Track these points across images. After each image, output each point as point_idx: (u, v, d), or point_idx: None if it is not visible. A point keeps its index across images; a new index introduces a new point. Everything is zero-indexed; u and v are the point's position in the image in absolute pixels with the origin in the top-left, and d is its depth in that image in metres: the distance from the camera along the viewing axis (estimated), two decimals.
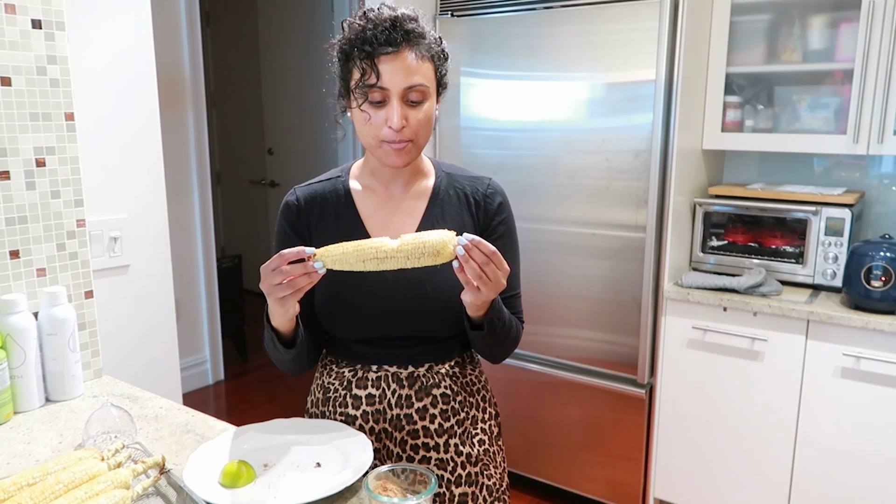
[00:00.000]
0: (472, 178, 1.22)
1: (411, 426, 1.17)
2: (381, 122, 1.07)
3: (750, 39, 2.35)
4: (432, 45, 1.09)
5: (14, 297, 1.27)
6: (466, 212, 1.19)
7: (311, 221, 1.20)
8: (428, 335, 1.18)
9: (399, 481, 0.92)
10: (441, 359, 1.20)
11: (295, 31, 4.71)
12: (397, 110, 1.05)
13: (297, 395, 3.65)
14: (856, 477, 2.03)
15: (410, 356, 1.18)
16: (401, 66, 1.04)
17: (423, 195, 1.19)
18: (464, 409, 1.22)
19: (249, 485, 1.00)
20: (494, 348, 1.18)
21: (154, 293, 1.76)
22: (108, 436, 1.08)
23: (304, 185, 1.25)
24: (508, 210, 1.22)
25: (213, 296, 3.79)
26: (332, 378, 1.24)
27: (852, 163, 2.43)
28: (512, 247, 1.21)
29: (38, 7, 1.31)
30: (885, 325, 1.91)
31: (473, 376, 1.26)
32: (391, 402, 1.18)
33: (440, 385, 1.19)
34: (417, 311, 1.14)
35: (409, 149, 1.09)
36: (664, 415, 2.34)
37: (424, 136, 1.10)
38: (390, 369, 1.18)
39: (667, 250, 2.25)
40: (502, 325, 1.12)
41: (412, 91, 1.05)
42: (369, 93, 1.06)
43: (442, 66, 1.12)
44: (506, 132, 2.49)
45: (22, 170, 1.32)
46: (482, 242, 0.96)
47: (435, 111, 1.13)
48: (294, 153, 4.96)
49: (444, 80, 1.14)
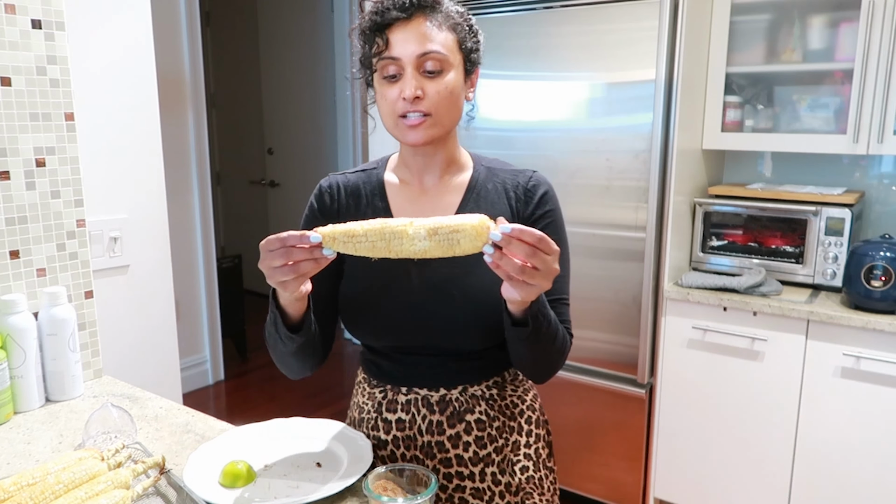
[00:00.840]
0: (514, 171, 1.11)
1: (443, 454, 1.08)
2: (396, 97, 0.99)
3: (750, 39, 2.35)
4: (452, 15, 1.01)
5: (14, 297, 1.27)
6: (506, 206, 1.07)
7: (340, 210, 1.11)
8: (457, 348, 1.07)
9: (399, 481, 0.92)
10: (476, 379, 1.09)
11: (295, 31, 4.71)
12: (411, 80, 0.97)
13: (297, 394, 3.65)
14: (856, 476, 2.03)
15: (441, 376, 1.08)
16: (413, 34, 0.97)
17: (458, 188, 1.09)
18: (502, 435, 1.11)
19: (249, 485, 1.00)
20: (538, 355, 1.01)
21: (154, 293, 1.76)
22: (108, 436, 1.08)
23: (340, 172, 1.17)
24: (554, 203, 1.09)
25: (213, 296, 3.79)
26: (365, 398, 1.16)
27: (852, 163, 2.43)
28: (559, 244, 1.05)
29: (38, 7, 1.31)
30: (885, 325, 1.91)
31: (515, 397, 1.14)
32: (421, 429, 1.09)
33: (474, 410, 1.09)
34: (444, 319, 1.03)
35: (427, 123, 0.99)
36: (664, 415, 2.34)
37: (447, 110, 1.00)
38: (420, 392, 1.09)
39: (667, 250, 2.25)
40: (548, 324, 0.96)
41: (427, 59, 0.97)
42: (382, 66, 0.99)
43: (468, 39, 1.02)
44: (506, 132, 2.49)
45: (22, 170, 1.32)
46: (525, 230, 0.80)
47: (468, 93, 1.05)
48: (294, 153, 4.96)
49: (473, 56, 1.04)
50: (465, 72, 1.03)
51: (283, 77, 4.88)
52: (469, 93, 1.06)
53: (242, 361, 4.16)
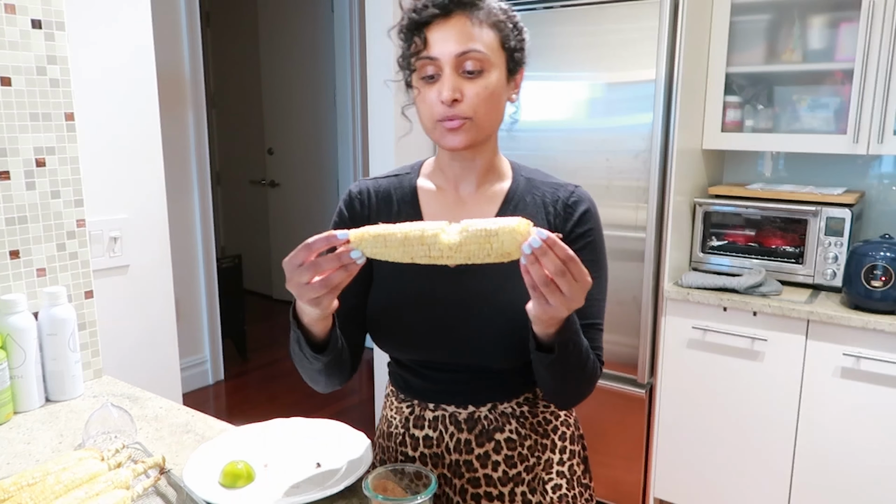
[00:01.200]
0: (555, 185, 1.05)
1: (472, 474, 1.04)
2: (434, 99, 0.94)
3: (750, 39, 2.35)
4: (495, 12, 0.95)
5: (14, 297, 1.27)
6: (543, 221, 1.02)
7: (371, 217, 1.06)
8: (486, 365, 1.02)
9: (399, 481, 0.92)
10: (506, 396, 1.05)
11: (295, 30, 4.71)
12: (448, 81, 0.92)
13: (297, 395, 3.65)
14: (856, 476, 2.03)
15: (469, 392, 1.04)
16: (453, 32, 0.92)
17: (495, 198, 1.04)
18: (534, 454, 1.06)
19: (249, 485, 1.00)
20: (563, 384, 0.96)
21: (154, 293, 1.76)
22: (108, 436, 1.08)
23: (370, 178, 1.12)
24: (595, 222, 1.03)
25: (213, 296, 3.79)
26: (393, 412, 1.13)
27: (852, 163, 2.43)
28: (596, 266, 1.00)
29: (38, 7, 1.31)
30: (885, 325, 1.91)
31: (548, 413, 1.09)
32: (449, 447, 1.05)
33: (504, 428, 1.04)
34: (473, 336, 0.99)
35: (466, 127, 0.94)
36: (664, 415, 2.34)
37: (486, 113, 0.95)
38: (448, 409, 1.05)
39: (667, 250, 2.25)
40: (577, 353, 0.91)
41: (466, 59, 0.92)
42: (420, 66, 0.95)
43: (511, 37, 0.97)
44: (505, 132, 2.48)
45: (22, 170, 1.32)
46: (558, 244, 0.76)
47: (511, 94, 1.01)
48: (294, 153, 4.96)
49: (516, 56, 0.99)
50: (508, 72, 0.98)
51: (283, 77, 4.88)
52: (513, 94, 1.02)
53: (242, 361, 4.16)
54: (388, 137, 2.60)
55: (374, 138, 2.67)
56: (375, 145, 2.68)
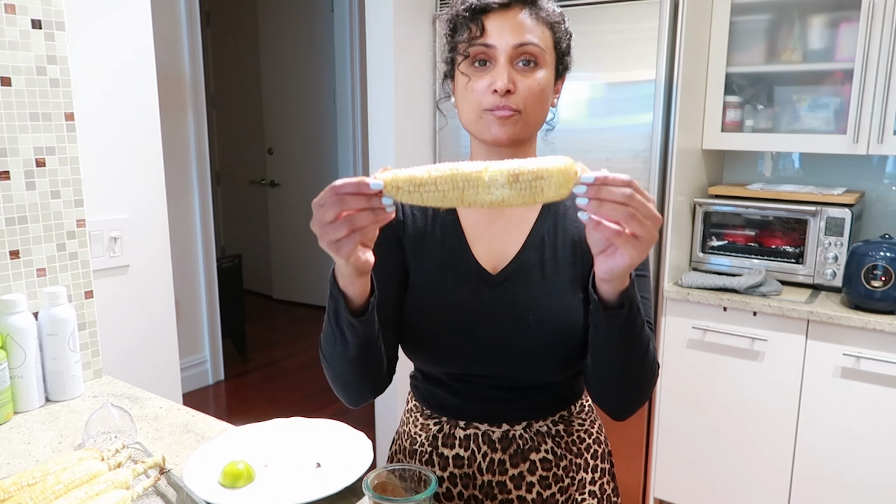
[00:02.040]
0: None
1: (505, 496, 1.00)
2: (485, 88, 0.91)
3: (750, 39, 2.35)
4: (552, 12, 0.95)
5: (14, 297, 1.27)
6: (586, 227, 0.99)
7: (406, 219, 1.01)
8: (525, 378, 0.98)
9: (399, 481, 0.92)
10: (542, 414, 1.01)
11: (295, 30, 4.71)
12: (503, 71, 0.89)
13: (297, 395, 3.65)
14: (856, 476, 2.03)
15: (504, 411, 1.00)
16: (511, 24, 0.90)
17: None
18: (568, 474, 1.02)
19: (249, 485, 1.00)
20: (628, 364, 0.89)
21: (154, 293, 1.76)
22: (108, 436, 1.08)
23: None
24: None
25: (213, 296, 3.79)
26: (417, 429, 1.07)
27: (852, 163, 2.43)
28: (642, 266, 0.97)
29: (38, 7, 1.31)
30: (885, 325, 1.91)
31: (583, 431, 1.05)
32: (482, 467, 1.00)
33: (540, 448, 1.00)
34: (515, 345, 0.94)
35: (515, 119, 0.91)
36: (664, 415, 2.34)
37: (535, 110, 0.93)
38: (481, 427, 1.01)
39: (667, 250, 2.25)
40: (642, 321, 0.86)
41: (523, 51, 0.90)
42: (475, 52, 0.91)
43: (563, 40, 0.97)
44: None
45: (22, 170, 1.32)
46: (610, 175, 0.71)
47: (554, 96, 0.98)
48: (294, 153, 4.96)
49: (565, 60, 0.98)
50: (556, 73, 0.97)
51: (283, 77, 4.88)
52: (555, 98, 0.99)
53: (242, 361, 4.16)
54: (388, 138, 2.60)
55: (374, 138, 2.67)
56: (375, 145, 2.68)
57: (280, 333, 4.66)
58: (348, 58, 4.34)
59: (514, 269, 0.95)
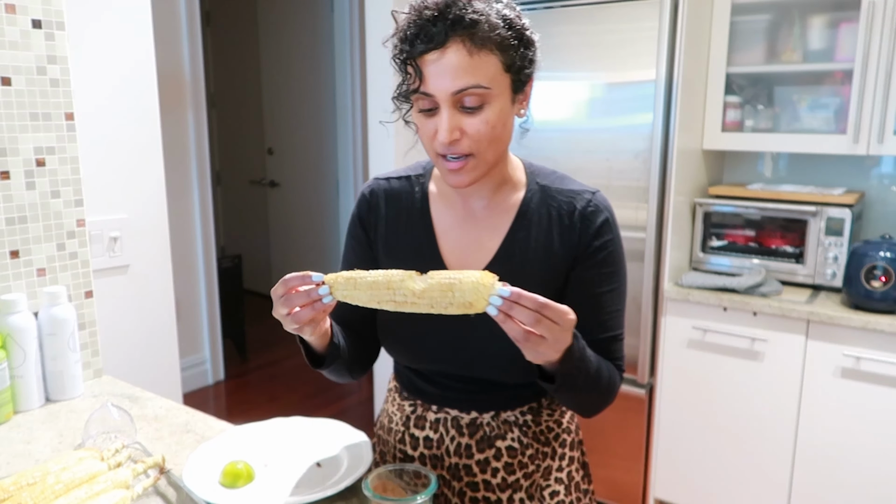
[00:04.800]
0: (572, 192, 1.00)
1: (470, 478, 1.04)
2: (433, 134, 0.88)
3: (750, 39, 2.35)
4: (496, 29, 0.86)
5: (14, 297, 1.27)
6: (558, 234, 0.98)
7: (377, 223, 1.04)
8: (498, 380, 1.01)
9: (399, 481, 0.92)
10: (510, 405, 1.04)
11: (295, 30, 4.71)
12: (446, 120, 0.86)
13: (297, 395, 3.65)
14: (856, 477, 2.03)
15: (474, 400, 1.04)
16: (448, 66, 0.84)
17: (509, 211, 0.99)
18: (534, 461, 1.06)
19: (249, 485, 1.00)
20: (574, 403, 0.97)
21: (154, 293, 1.76)
22: (108, 436, 1.08)
23: (384, 177, 1.07)
24: (613, 231, 1.00)
25: (213, 296, 3.79)
26: (394, 408, 1.13)
27: (852, 163, 2.43)
28: (613, 278, 0.99)
29: (38, 7, 1.31)
30: (885, 325, 1.91)
31: (552, 422, 1.08)
32: (449, 450, 1.05)
33: (506, 436, 1.04)
34: (484, 351, 0.98)
35: (470, 166, 0.89)
36: (664, 415, 2.34)
37: (490, 148, 0.89)
38: (451, 412, 1.05)
39: (667, 250, 2.25)
40: (586, 376, 0.88)
41: (464, 95, 0.85)
42: (415, 100, 0.89)
43: (515, 56, 0.90)
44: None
45: (22, 170, 1.32)
46: (524, 296, 0.75)
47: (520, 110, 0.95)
48: (294, 153, 4.96)
49: (524, 73, 0.92)
50: (513, 92, 0.92)
51: (283, 77, 4.88)
52: (521, 109, 0.96)
53: (242, 361, 4.16)
54: (387, 138, 2.60)
55: (373, 138, 2.67)
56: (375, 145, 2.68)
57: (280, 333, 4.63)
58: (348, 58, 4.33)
59: None
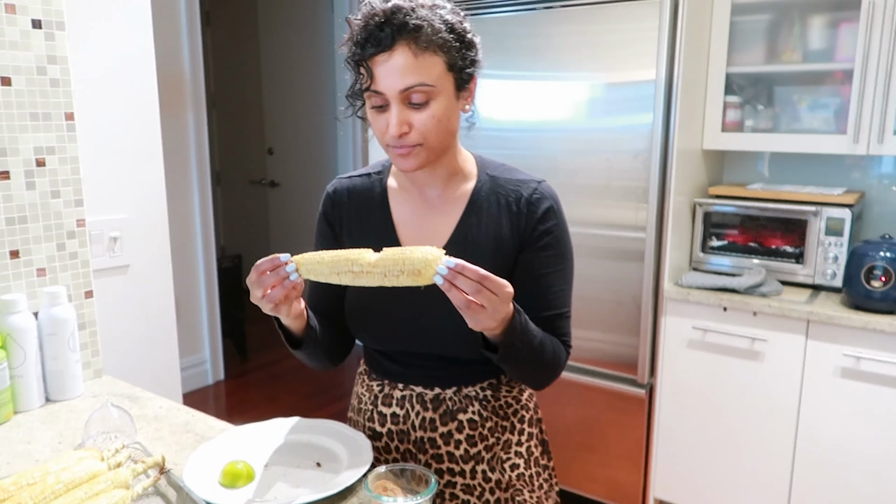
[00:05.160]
0: (519, 182, 1.09)
1: (435, 450, 1.12)
2: (384, 128, 0.99)
3: (750, 39, 2.35)
4: (441, 34, 0.96)
5: (14, 297, 1.27)
6: (506, 220, 1.07)
7: (342, 217, 1.15)
8: (455, 356, 1.10)
9: (399, 481, 0.92)
10: (471, 381, 1.13)
11: (295, 30, 4.71)
12: (395, 116, 0.96)
13: (297, 395, 3.65)
14: (856, 477, 2.03)
15: (437, 377, 1.12)
16: (395, 66, 0.94)
17: (461, 199, 1.10)
18: (494, 434, 1.14)
19: (249, 485, 1.00)
20: (519, 374, 1.06)
21: (154, 293, 1.76)
22: (108, 436, 1.08)
23: (346, 176, 1.18)
24: (558, 217, 1.09)
25: (213, 296, 3.79)
26: (364, 389, 1.21)
27: (852, 163, 2.43)
28: (559, 260, 1.09)
29: (38, 7, 1.31)
30: (885, 325, 1.91)
31: (510, 397, 1.17)
32: (415, 424, 1.13)
33: (467, 410, 1.12)
34: (442, 330, 1.06)
35: (416, 152, 1.00)
36: (664, 415, 2.34)
37: (436, 138, 1.00)
38: (416, 389, 1.13)
39: (667, 250, 2.25)
40: (529, 349, 0.98)
41: (411, 93, 0.96)
42: (368, 97, 0.99)
43: (458, 56, 0.98)
44: (506, 132, 2.49)
45: (22, 170, 1.32)
46: (467, 267, 0.84)
47: (465, 105, 1.04)
48: (294, 153, 4.96)
49: (466, 73, 1.01)
50: (456, 89, 1.01)
51: (283, 77, 4.88)
52: (466, 105, 1.04)
53: (242, 361, 4.16)
54: None
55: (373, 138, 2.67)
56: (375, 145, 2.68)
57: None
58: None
59: None
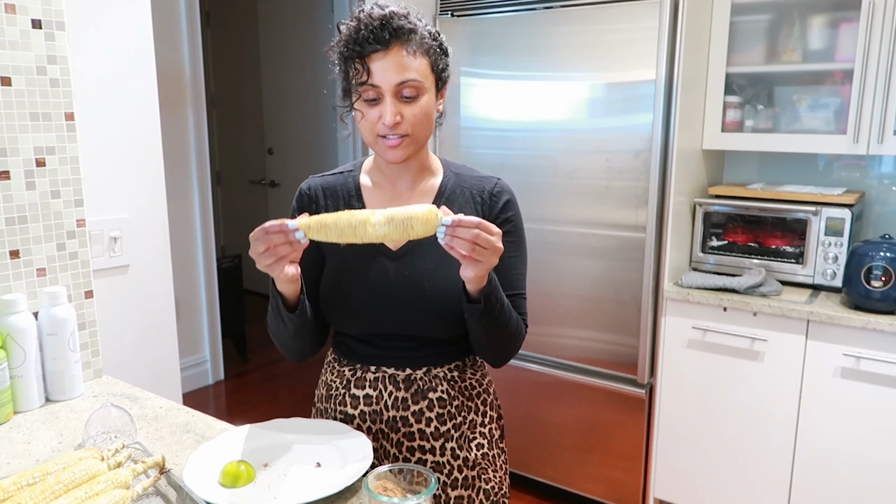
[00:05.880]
0: (480, 178, 1.22)
1: (407, 428, 1.18)
2: (376, 119, 1.07)
3: (750, 39, 2.35)
4: (426, 39, 1.09)
5: (14, 297, 1.27)
6: (471, 210, 1.18)
7: (318, 211, 1.20)
8: (426, 336, 1.17)
9: (399, 481, 0.92)
10: (440, 362, 1.21)
11: (295, 31, 4.71)
12: (390, 107, 1.06)
13: (297, 395, 3.65)
14: (856, 477, 2.03)
15: (408, 358, 1.19)
16: (391, 63, 1.05)
17: (429, 193, 1.20)
18: (461, 413, 1.21)
19: (249, 485, 1.00)
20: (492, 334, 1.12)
21: (154, 293, 1.76)
22: (108, 436, 1.08)
23: (319, 175, 1.26)
24: (515, 209, 1.22)
25: (213, 296, 3.79)
26: (334, 376, 1.26)
27: (852, 163, 2.43)
28: (517, 246, 1.21)
29: (38, 7, 1.31)
30: (885, 325, 1.91)
31: (474, 380, 1.25)
32: (387, 404, 1.19)
33: (437, 389, 1.19)
34: (415, 309, 1.14)
35: (405, 143, 1.09)
36: (664, 415, 2.34)
37: (422, 130, 1.10)
38: (388, 371, 1.19)
39: (667, 250, 2.25)
40: (500, 306, 1.09)
41: (405, 87, 1.06)
42: (362, 91, 1.07)
43: (439, 60, 1.12)
44: (506, 132, 2.49)
45: (22, 170, 1.32)
46: (464, 218, 0.94)
47: (438, 106, 1.14)
48: (294, 153, 4.96)
49: (443, 76, 1.14)
50: (436, 89, 1.12)
51: (283, 77, 4.88)
52: (439, 106, 1.15)
53: (242, 361, 4.16)
54: None
55: None
56: None
57: None
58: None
59: (412, 247, 1.15)
